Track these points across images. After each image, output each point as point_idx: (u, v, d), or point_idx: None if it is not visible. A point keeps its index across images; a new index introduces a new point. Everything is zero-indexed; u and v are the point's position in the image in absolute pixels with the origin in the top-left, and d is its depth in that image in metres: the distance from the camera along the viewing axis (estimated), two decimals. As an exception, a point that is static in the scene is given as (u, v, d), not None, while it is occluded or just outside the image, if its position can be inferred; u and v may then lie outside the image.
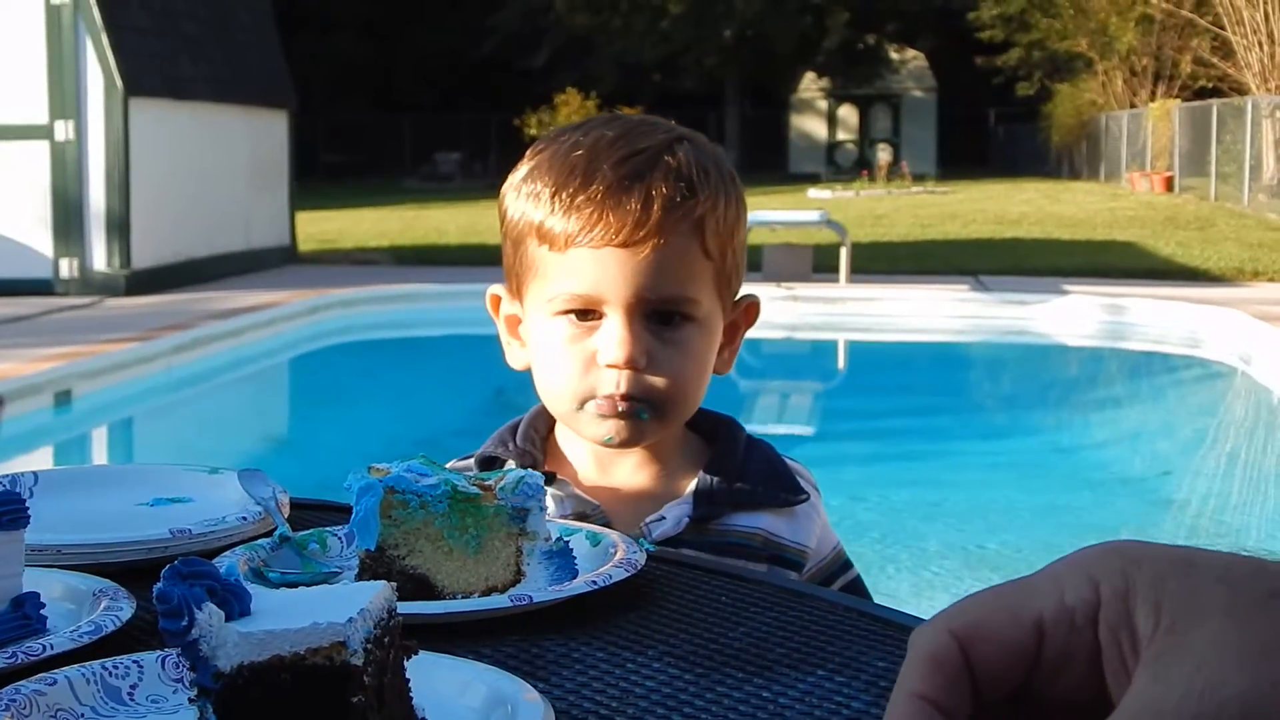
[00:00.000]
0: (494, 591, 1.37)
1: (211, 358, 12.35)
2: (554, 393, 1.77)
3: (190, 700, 0.98)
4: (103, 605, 1.28)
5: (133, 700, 1.10)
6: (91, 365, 10.81)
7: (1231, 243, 19.94)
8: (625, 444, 1.76)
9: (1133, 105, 39.53)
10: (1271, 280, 16.27)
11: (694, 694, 1.14)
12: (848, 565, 1.88)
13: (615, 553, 1.45)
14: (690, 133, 1.81)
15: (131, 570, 1.42)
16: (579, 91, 32.55)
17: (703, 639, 1.28)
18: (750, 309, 1.87)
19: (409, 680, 1.05)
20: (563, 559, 1.41)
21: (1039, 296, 14.57)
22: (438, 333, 14.68)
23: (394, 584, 1.05)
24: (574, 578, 1.39)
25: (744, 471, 1.79)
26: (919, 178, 40.37)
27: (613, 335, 1.71)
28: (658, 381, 1.73)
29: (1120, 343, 13.82)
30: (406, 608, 1.11)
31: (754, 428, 1.94)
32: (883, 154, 47.97)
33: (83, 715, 1.07)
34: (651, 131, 1.78)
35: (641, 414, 1.73)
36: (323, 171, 43.47)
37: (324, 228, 23.03)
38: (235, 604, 0.99)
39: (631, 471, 1.81)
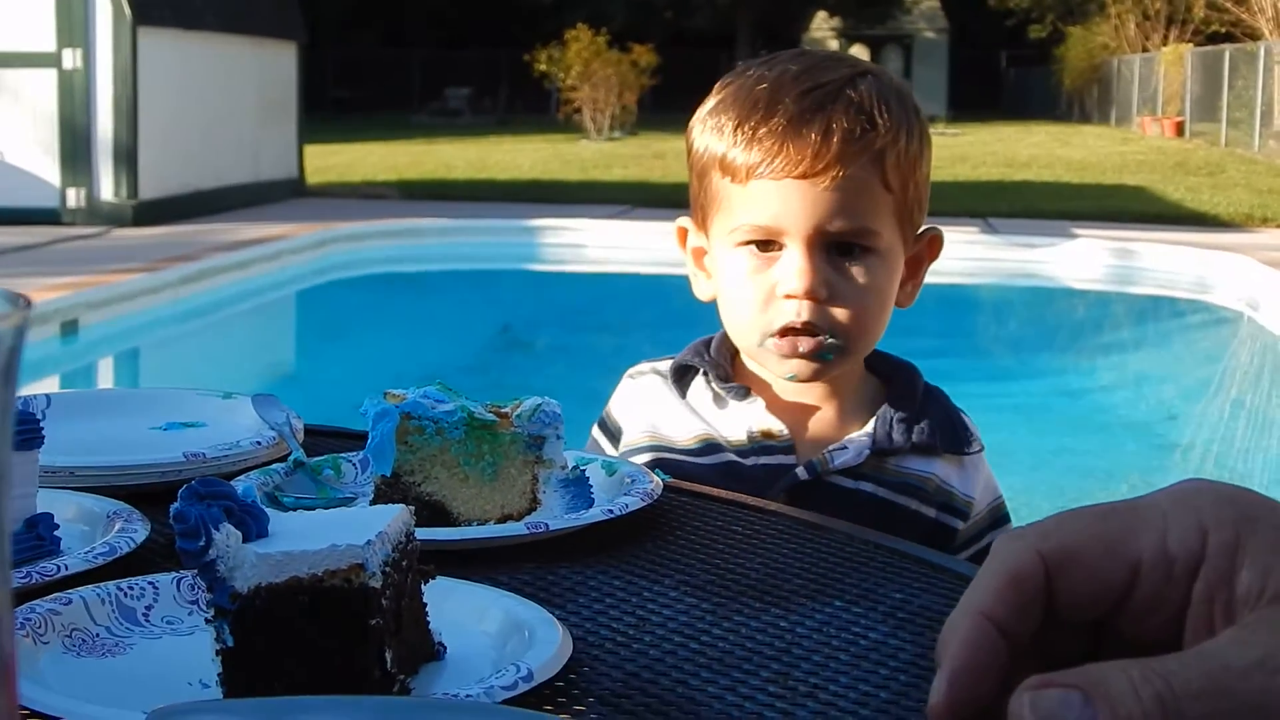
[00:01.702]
0: (509, 519, 1.36)
1: (218, 289, 12.33)
2: (738, 326, 1.79)
3: (207, 621, 0.97)
4: (117, 527, 1.28)
5: (148, 621, 1.10)
6: (98, 295, 10.80)
7: (1241, 189, 19.88)
8: (807, 380, 1.79)
9: (1145, 49, 39.34)
10: (1281, 227, 16.23)
11: (711, 623, 1.14)
12: (1003, 520, 1.88)
13: (631, 483, 1.45)
14: (877, 68, 1.84)
15: (145, 493, 1.41)
16: (589, 28, 32.34)
17: (719, 569, 1.27)
18: (934, 242, 1.88)
19: (426, 605, 1.04)
20: (579, 487, 1.41)
21: (1048, 240, 14.53)
22: (445, 268, 14.64)
23: (411, 508, 1.05)
24: (590, 506, 1.39)
25: (922, 416, 1.81)
26: (929, 119, 40.08)
27: (792, 266, 1.73)
28: (838, 313, 1.74)
29: (1128, 287, 13.79)
30: (423, 533, 1.11)
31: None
32: (893, 95, 47.69)
33: (98, 635, 1.06)
34: (836, 66, 1.80)
35: (826, 355, 1.75)
36: (330, 106, 43.29)
37: (332, 161, 22.95)
38: (253, 525, 0.99)
39: (816, 400, 1.83)
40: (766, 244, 1.75)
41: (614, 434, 1.88)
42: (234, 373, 10.12)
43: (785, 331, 1.74)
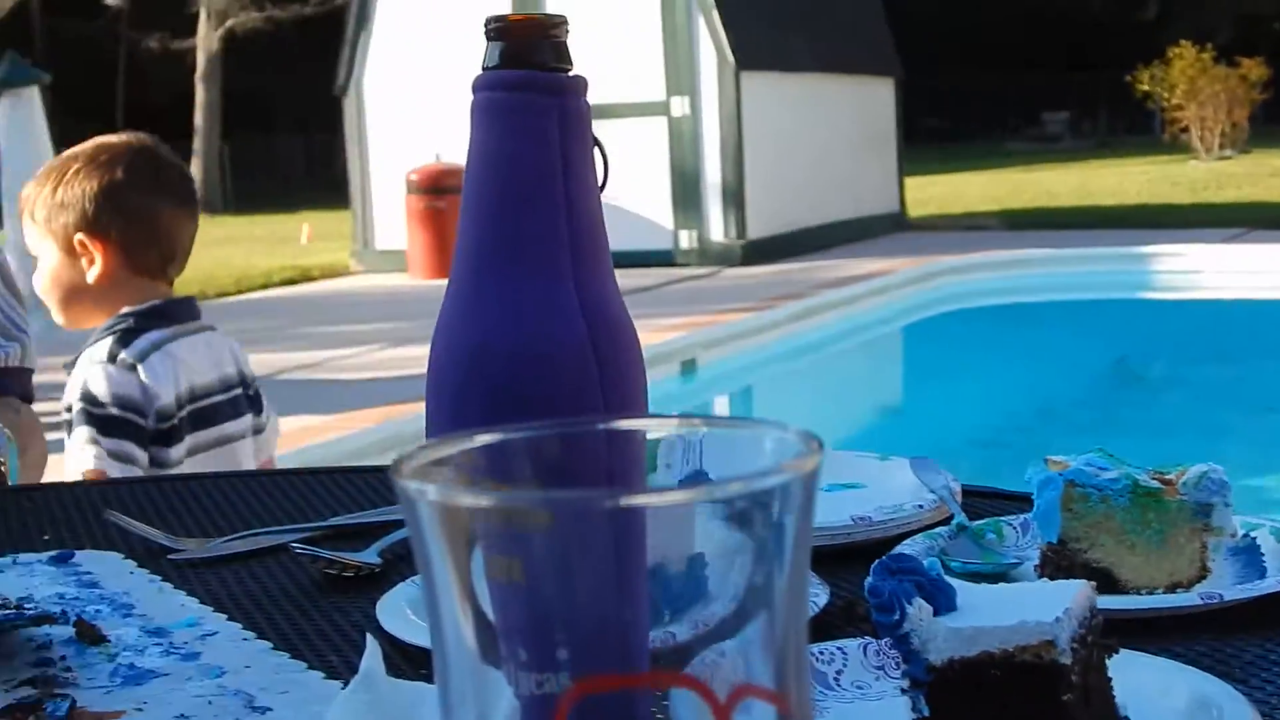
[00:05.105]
0: (1178, 588, 1.36)
1: (826, 326, 12.52)
2: None
3: (903, 691, 1.02)
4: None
5: (839, 685, 1.15)
6: (713, 334, 11.18)
7: None
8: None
9: None
10: None
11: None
12: None
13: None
14: (126, 140, 3.16)
15: (817, 555, 1.47)
16: (1193, 44, 31.33)
17: None
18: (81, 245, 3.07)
19: (1111, 679, 1.06)
20: (1249, 555, 1.38)
21: None
22: (1053, 298, 14.41)
23: (1094, 583, 1.07)
24: (1262, 576, 1.36)
25: None
26: None
27: None
28: None
29: None
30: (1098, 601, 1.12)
31: None
32: None
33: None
34: None
35: None
36: (923, 136, 43.41)
37: (930, 193, 23.00)
38: (941, 599, 1.03)
39: None
40: None
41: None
42: (843, 409, 10.26)
43: None
